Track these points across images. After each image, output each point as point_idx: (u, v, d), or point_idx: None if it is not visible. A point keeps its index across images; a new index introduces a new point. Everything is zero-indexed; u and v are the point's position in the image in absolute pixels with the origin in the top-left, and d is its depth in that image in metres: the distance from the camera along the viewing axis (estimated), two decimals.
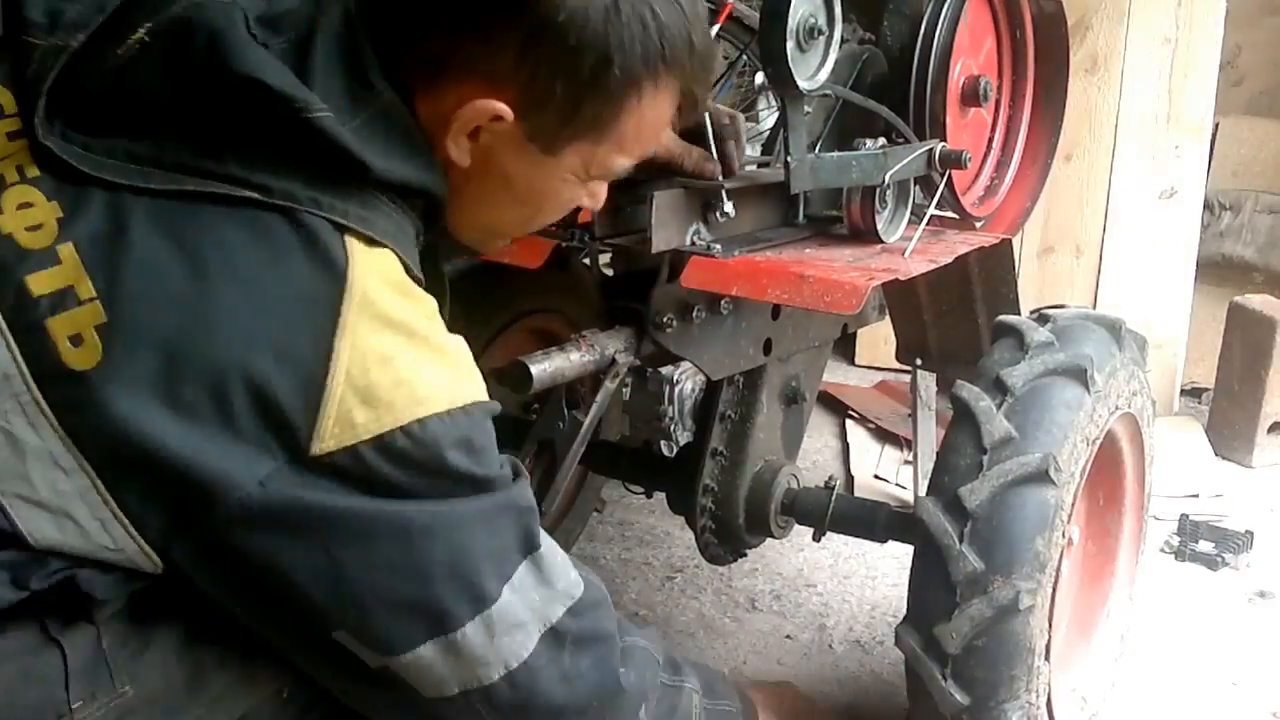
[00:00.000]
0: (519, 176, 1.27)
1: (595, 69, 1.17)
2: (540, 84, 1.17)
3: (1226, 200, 4.40)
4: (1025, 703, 1.80)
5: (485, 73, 1.17)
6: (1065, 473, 1.80)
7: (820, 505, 2.15)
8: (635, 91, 1.21)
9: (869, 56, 2.10)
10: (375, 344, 1.09)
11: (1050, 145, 2.41)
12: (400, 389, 1.09)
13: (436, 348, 1.15)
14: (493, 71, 1.17)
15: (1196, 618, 2.74)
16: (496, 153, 1.23)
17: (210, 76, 1.10)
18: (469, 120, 1.20)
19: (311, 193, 1.10)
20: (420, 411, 1.10)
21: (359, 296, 1.09)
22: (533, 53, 1.15)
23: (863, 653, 2.53)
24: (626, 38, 1.17)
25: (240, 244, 1.08)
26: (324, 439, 1.07)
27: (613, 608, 1.39)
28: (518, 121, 1.20)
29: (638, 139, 1.28)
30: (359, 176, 1.14)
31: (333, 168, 1.12)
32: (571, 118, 1.21)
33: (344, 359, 1.07)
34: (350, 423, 1.07)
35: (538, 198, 1.32)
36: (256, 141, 1.10)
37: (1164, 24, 3.99)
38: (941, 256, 1.94)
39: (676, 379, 2.24)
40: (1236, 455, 3.70)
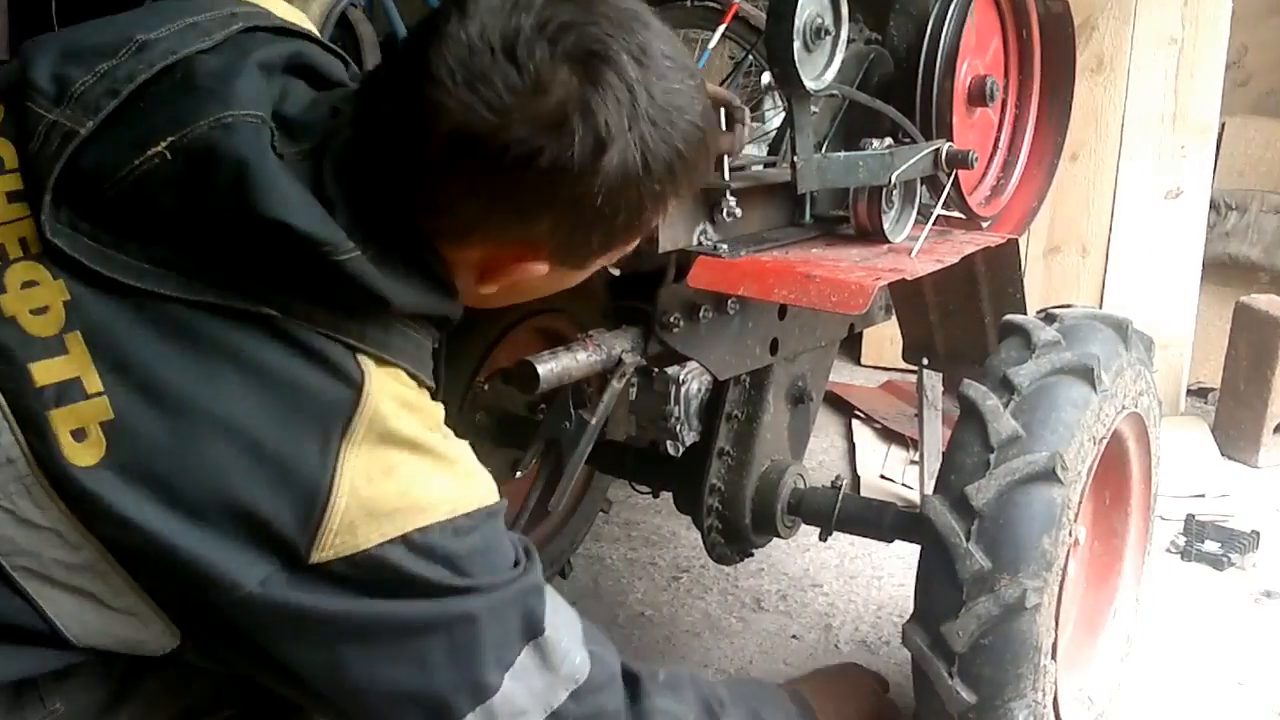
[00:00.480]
0: (545, 287, 1.30)
1: (630, 218, 1.19)
2: (576, 241, 1.19)
3: (1232, 200, 4.40)
4: (1032, 701, 1.80)
5: (517, 239, 1.18)
6: (1072, 472, 1.80)
7: (827, 505, 2.15)
8: (663, 209, 1.22)
9: (875, 56, 2.10)
10: (380, 458, 1.10)
11: (1056, 145, 2.41)
12: (403, 499, 1.11)
13: (441, 457, 1.16)
14: (526, 239, 1.18)
15: (1202, 618, 2.74)
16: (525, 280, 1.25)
17: (235, 214, 1.07)
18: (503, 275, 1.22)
19: (332, 318, 1.11)
20: (422, 520, 1.12)
21: (371, 412, 1.10)
22: (568, 222, 1.16)
23: (869, 652, 2.53)
24: (659, 188, 1.17)
25: (254, 355, 1.08)
26: (323, 549, 1.08)
27: (620, 684, 1.37)
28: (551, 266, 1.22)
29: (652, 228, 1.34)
30: (381, 308, 1.14)
31: (354, 301, 1.12)
32: (604, 249, 1.25)
33: (348, 473, 1.08)
34: (352, 532, 1.08)
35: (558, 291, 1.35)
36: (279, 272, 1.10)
37: (1170, 24, 3.99)
38: (948, 256, 1.94)
39: (683, 379, 2.23)
40: (1242, 455, 3.70)
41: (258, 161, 1.08)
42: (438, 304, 1.21)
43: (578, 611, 1.35)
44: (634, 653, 2.49)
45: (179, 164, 1.08)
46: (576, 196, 1.12)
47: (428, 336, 1.22)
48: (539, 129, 1.07)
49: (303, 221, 1.07)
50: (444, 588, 1.14)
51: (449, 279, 1.21)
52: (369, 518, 1.08)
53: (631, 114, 1.11)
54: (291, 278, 1.09)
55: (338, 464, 1.07)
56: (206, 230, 1.08)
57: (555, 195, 1.12)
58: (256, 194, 1.06)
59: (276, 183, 1.07)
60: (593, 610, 2.66)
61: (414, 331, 1.20)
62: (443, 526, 1.13)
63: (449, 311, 1.24)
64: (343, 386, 1.10)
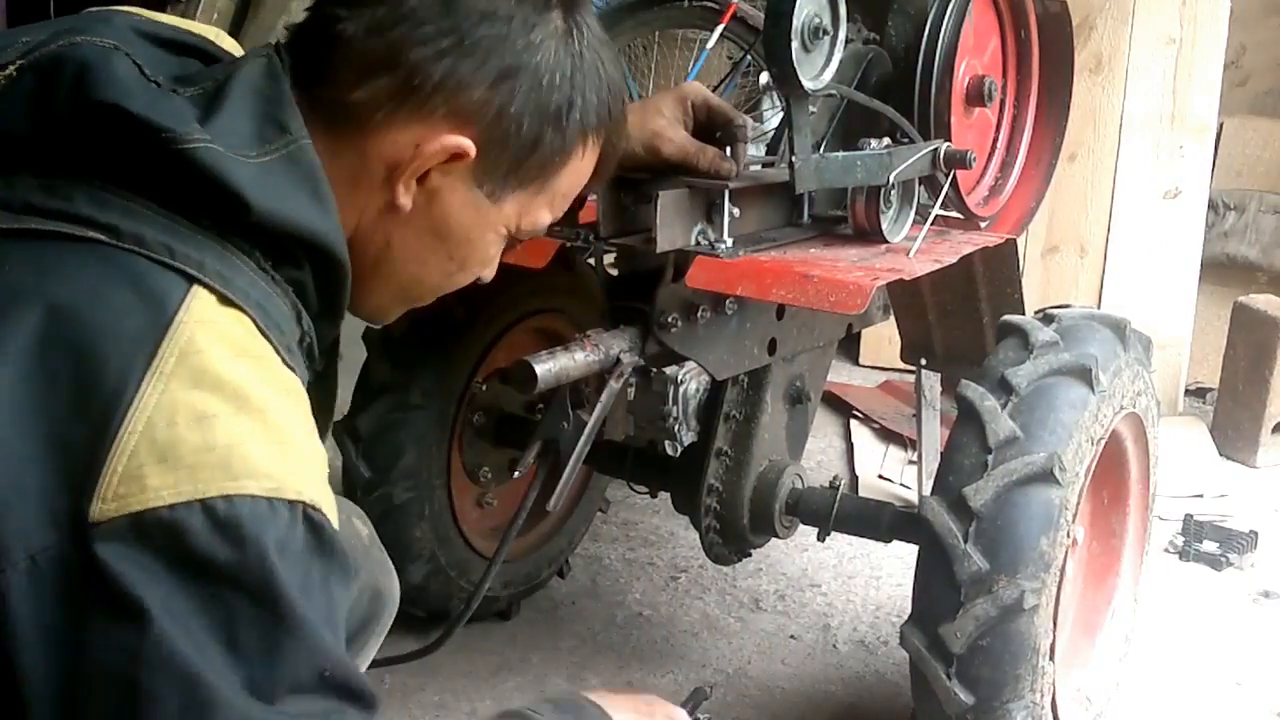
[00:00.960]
0: (457, 223, 1.20)
1: (559, 111, 1.15)
2: (507, 120, 1.13)
3: (1231, 200, 4.40)
4: (1030, 702, 1.80)
5: (452, 106, 1.11)
6: (1070, 472, 1.80)
7: (825, 505, 2.15)
8: (582, 141, 1.19)
9: (874, 56, 2.10)
10: (192, 402, 0.92)
11: (1055, 145, 2.41)
12: (209, 454, 0.91)
13: (273, 426, 0.95)
14: (460, 105, 1.11)
15: (1201, 618, 2.74)
16: (441, 196, 1.17)
17: (73, 107, 1.01)
18: (430, 157, 1.12)
19: (164, 239, 0.98)
20: (229, 487, 0.90)
21: (183, 344, 0.94)
22: (505, 87, 1.12)
23: (867, 653, 2.53)
24: (588, 87, 1.16)
25: (66, 278, 0.95)
26: (105, 499, 0.89)
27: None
28: (474, 160, 1.15)
29: (566, 194, 1.25)
30: (229, 221, 1.02)
31: (200, 207, 1.01)
32: (524, 161, 1.17)
33: (147, 405, 0.91)
34: (140, 483, 0.89)
35: (466, 249, 1.24)
36: (116, 177, 1.00)
37: (1168, 24, 3.99)
38: (946, 256, 1.94)
39: (681, 379, 2.24)
40: (1241, 455, 3.70)
41: (100, 62, 1.03)
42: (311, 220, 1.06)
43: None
44: (632, 653, 2.49)
45: (26, 82, 1.05)
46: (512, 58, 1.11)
47: (287, 300, 1.07)
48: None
49: (141, 106, 1.00)
50: (233, 596, 0.91)
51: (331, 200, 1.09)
52: (161, 465, 0.89)
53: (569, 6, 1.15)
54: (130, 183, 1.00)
55: (136, 395, 0.91)
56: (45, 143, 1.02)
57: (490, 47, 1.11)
58: (94, 82, 1.01)
59: (115, 73, 1.02)
60: (591, 610, 2.66)
61: (269, 284, 1.04)
62: (254, 503, 0.91)
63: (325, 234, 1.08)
64: (154, 311, 0.95)
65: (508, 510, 2.38)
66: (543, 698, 1.28)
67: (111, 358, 0.92)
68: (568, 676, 2.40)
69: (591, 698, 1.29)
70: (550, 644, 2.52)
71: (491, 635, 2.51)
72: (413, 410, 2.26)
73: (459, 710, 2.29)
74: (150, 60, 1.08)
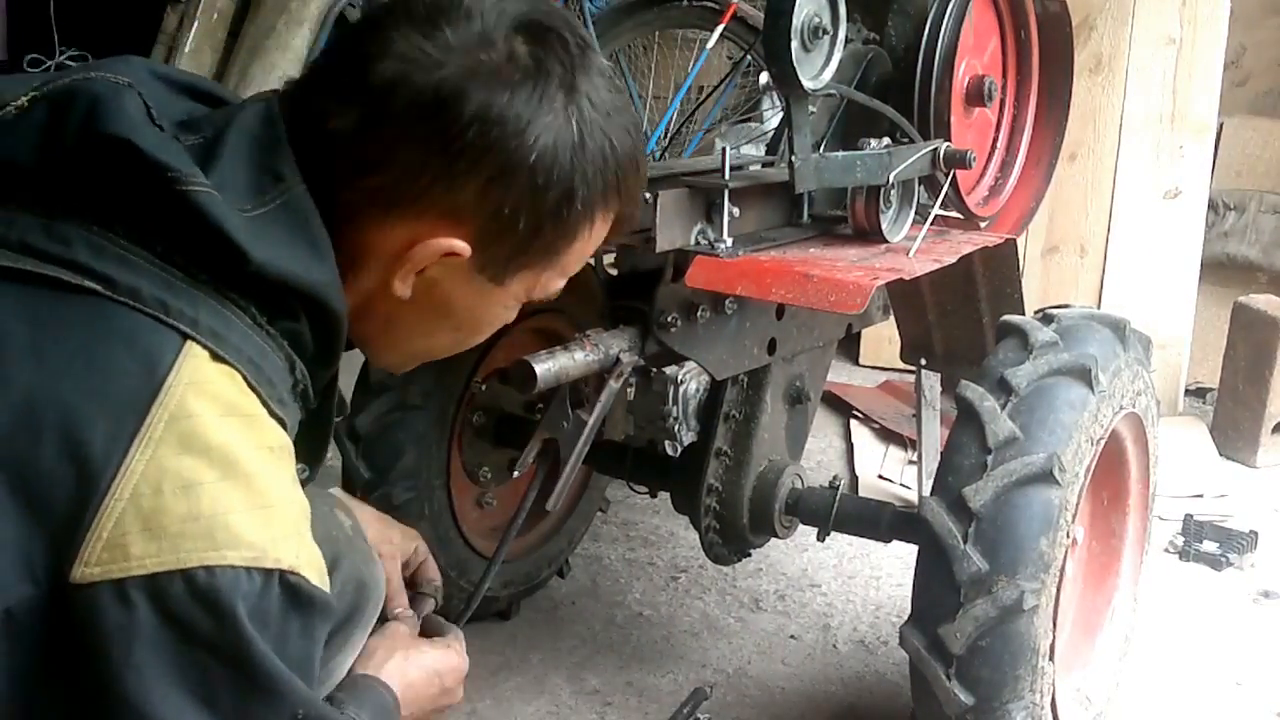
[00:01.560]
0: (461, 306, 1.21)
1: (559, 203, 1.12)
2: (502, 218, 1.11)
3: (1231, 200, 4.40)
4: (1029, 703, 1.80)
5: (443, 207, 1.09)
6: (1069, 473, 1.80)
7: (825, 505, 2.15)
8: (589, 220, 1.17)
9: (873, 56, 2.10)
10: (179, 469, 0.93)
11: (1055, 145, 2.41)
12: (193, 524, 0.92)
13: (258, 491, 0.97)
14: (452, 206, 1.10)
15: (1201, 618, 2.74)
16: (441, 285, 1.16)
17: (81, 139, 1.01)
18: (423, 259, 1.12)
19: (160, 294, 0.98)
20: (211, 558, 0.92)
21: (173, 408, 0.94)
22: (498, 189, 1.09)
23: (867, 653, 2.53)
24: (590, 172, 1.12)
25: (58, 326, 0.95)
26: (88, 563, 0.90)
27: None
28: (472, 255, 1.13)
29: (578, 261, 1.24)
30: (227, 273, 1.01)
31: (199, 257, 1.00)
32: (526, 249, 1.16)
33: (136, 472, 0.92)
34: (123, 551, 0.90)
35: (474, 324, 1.25)
36: (117, 220, 1.00)
37: (1168, 24, 3.99)
38: (946, 256, 1.94)
39: (681, 379, 2.23)
40: (1241, 455, 3.70)
41: (112, 97, 1.03)
42: (309, 273, 1.05)
43: None
44: (632, 653, 2.49)
45: (37, 114, 1.04)
46: (507, 154, 1.07)
47: (281, 353, 1.06)
48: (476, 74, 1.06)
49: (149, 143, 1.00)
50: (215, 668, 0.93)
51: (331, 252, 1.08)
52: (146, 534, 0.91)
53: (572, 86, 1.10)
54: (129, 229, 1.00)
55: (124, 461, 0.92)
56: (50, 179, 1.01)
57: (484, 148, 1.07)
58: (104, 116, 1.01)
59: (126, 109, 1.02)
60: (591, 610, 2.66)
61: (263, 339, 1.04)
62: (234, 574, 0.93)
63: (322, 289, 1.07)
64: (146, 373, 0.95)
65: (508, 510, 2.38)
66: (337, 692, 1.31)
67: (100, 421, 0.93)
68: (568, 676, 2.40)
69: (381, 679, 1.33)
70: (550, 644, 2.51)
71: (491, 635, 2.51)
72: (412, 410, 2.25)
73: (459, 710, 2.28)
74: (161, 101, 1.08)
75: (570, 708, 2.31)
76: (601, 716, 2.29)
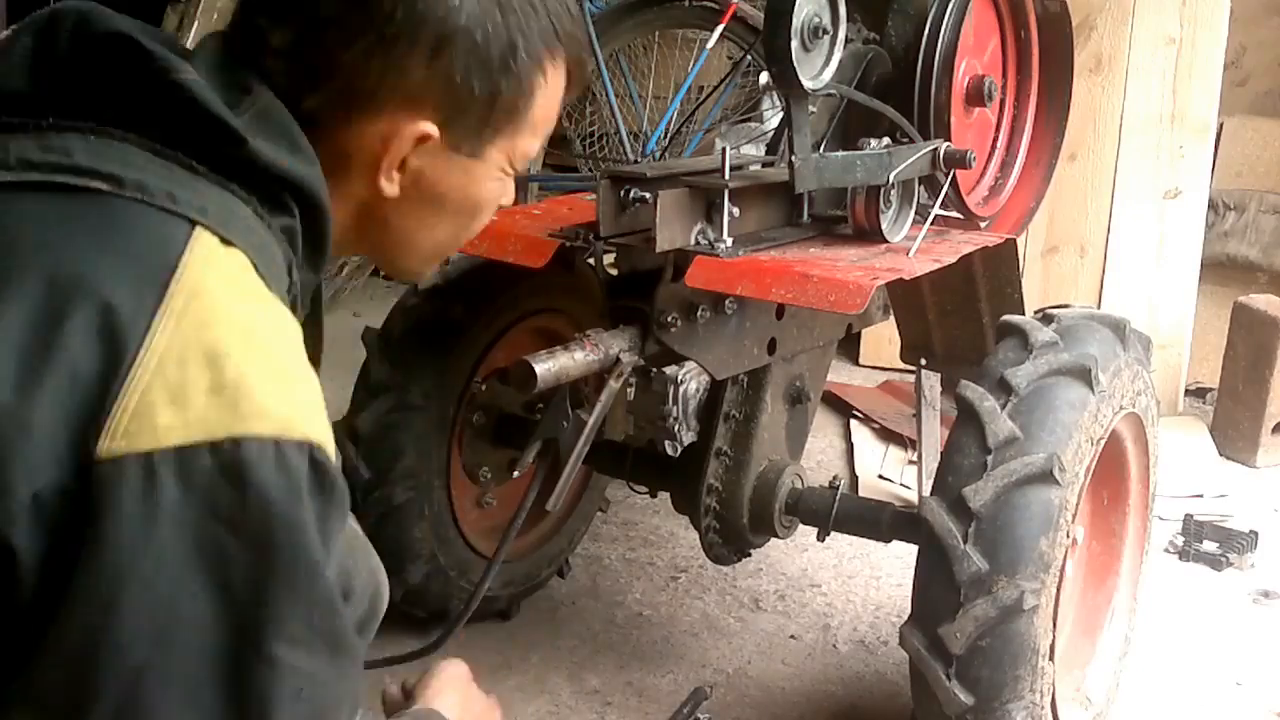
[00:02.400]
0: (451, 190, 1.23)
1: (504, 57, 1.16)
2: (456, 89, 1.15)
3: (1231, 200, 4.40)
4: (1029, 703, 1.80)
5: (400, 95, 1.13)
6: (1069, 473, 1.80)
7: (825, 505, 2.15)
8: (540, 72, 1.20)
9: (873, 56, 2.10)
10: (203, 341, 0.93)
11: (1055, 145, 2.41)
12: (220, 395, 0.92)
13: (280, 366, 0.98)
14: (407, 91, 1.13)
15: (1201, 618, 2.74)
16: (425, 174, 1.20)
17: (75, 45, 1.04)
18: (399, 150, 1.15)
19: (166, 185, 1.00)
20: (238, 429, 0.92)
21: (192, 284, 0.95)
22: (442, 60, 1.13)
23: (867, 653, 2.53)
24: (523, 21, 1.16)
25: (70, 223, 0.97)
26: (115, 435, 0.90)
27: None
28: (442, 134, 1.17)
29: (546, 119, 1.26)
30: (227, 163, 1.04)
31: (198, 149, 1.03)
32: (490, 114, 1.19)
33: (160, 344, 0.92)
34: (150, 422, 0.90)
35: (471, 206, 1.27)
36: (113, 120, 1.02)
37: (1168, 24, 3.99)
38: (946, 256, 1.94)
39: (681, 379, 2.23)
40: (1241, 455, 3.70)
41: (98, 9, 1.06)
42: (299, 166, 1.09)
43: None
44: (632, 653, 2.49)
45: (24, 40, 1.07)
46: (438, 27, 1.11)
47: (280, 250, 1.08)
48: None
49: (142, 37, 1.04)
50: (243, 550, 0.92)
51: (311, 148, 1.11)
52: (173, 406, 0.90)
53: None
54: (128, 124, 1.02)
55: (148, 334, 0.92)
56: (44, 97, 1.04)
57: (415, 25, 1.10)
58: (96, 21, 1.05)
59: (115, 15, 1.06)
60: (591, 610, 2.66)
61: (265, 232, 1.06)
62: (264, 447, 0.92)
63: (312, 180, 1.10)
64: (161, 253, 0.96)
65: (508, 510, 2.38)
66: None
67: (123, 296, 0.93)
68: (568, 676, 2.40)
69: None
70: (550, 644, 2.51)
71: (491, 635, 2.51)
72: (412, 410, 2.25)
73: None
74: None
75: (570, 708, 2.31)
76: (601, 716, 2.29)
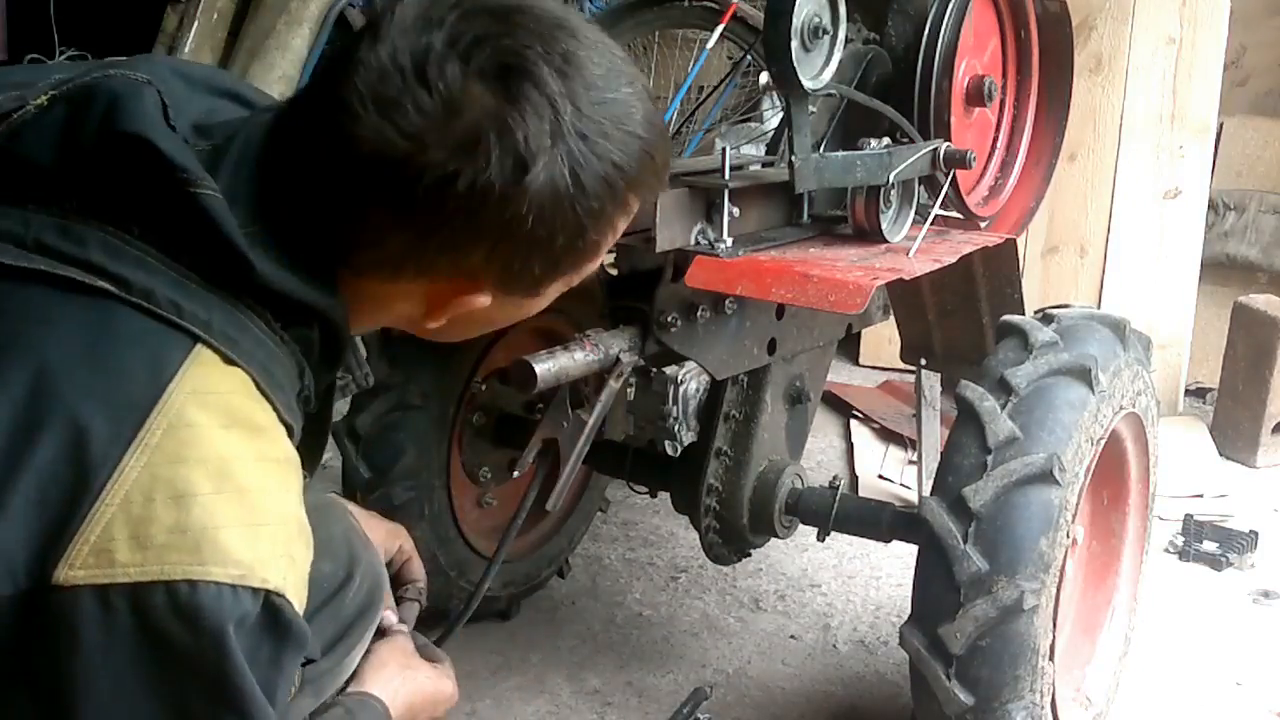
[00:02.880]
0: (499, 319, 1.21)
1: (571, 239, 1.08)
2: (515, 269, 1.09)
3: (1231, 200, 4.40)
4: (1029, 703, 1.80)
5: (453, 271, 1.08)
6: (1069, 473, 1.80)
7: (825, 505, 2.15)
8: (611, 231, 1.14)
9: (874, 56, 2.10)
10: (171, 476, 0.92)
11: (1055, 145, 2.41)
12: (181, 537, 0.91)
13: (252, 506, 0.96)
14: (462, 270, 1.08)
15: (1200, 618, 2.74)
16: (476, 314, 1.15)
17: (100, 138, 1.01)
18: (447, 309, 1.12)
19: (174, 296, 0.98)
20: (195, 572, 0.91)
21: (172, 416, 0.94)
22: (503, 249, 1.06)
23: (867, 653, 2.53)
24: (595, 205, 1.07)
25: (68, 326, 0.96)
26: (74, 565, 0.89)
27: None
28: (496, 296, 1.12)
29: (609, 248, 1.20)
30: (236, 282, 1.01)
31: (209, 265, 1.00)
32: (551, 273, 1.12)
33: (129, 478, 0.91)
34: (109, 557, 0.90)
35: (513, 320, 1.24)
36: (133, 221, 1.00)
37: (1168, 24, 3.99)
38: (946, 256, 1.94)
39: (681, 379, 2.24)
40: (1241, 455, 3.70)
41: (131, 96, 1.03)
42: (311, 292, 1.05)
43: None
44: (632, 653, 2.49)
45: (57, 112, 1.04)
46: (504, 222, 1.03)
47: (292, 359, 1.06)
48: (453, 152, 1.00)
49: (166, 144, 1.00)
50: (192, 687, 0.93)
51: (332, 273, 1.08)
52: (133, 542, 0.90)
53: (555, 129, 1.02)
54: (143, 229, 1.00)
55: (119, 466, 0.91)
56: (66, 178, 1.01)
57: (481, 222, 1.03)
58: (122, 114, 1.01)
59: (145, 107, 1.02)
60: (591, 610, 2.66)
61: (276, 345, 1.04)
62: (218, 590, 0.91)
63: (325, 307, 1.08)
64: (151, 377, 0.95)
65: (508, 510, 2.38)
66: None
67: (100, 422, 0.92)
68: (568, 676, 2.40)
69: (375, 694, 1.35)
70: (550, 644, 2.51)
71: (491, 635, 2.51)
72: (412, 410, 2.25)
73: (459, 710, 2.28)
74: (180, 99, 1.07)
75: (570, 708, 2.31)
76: (601, 716, 2.29)
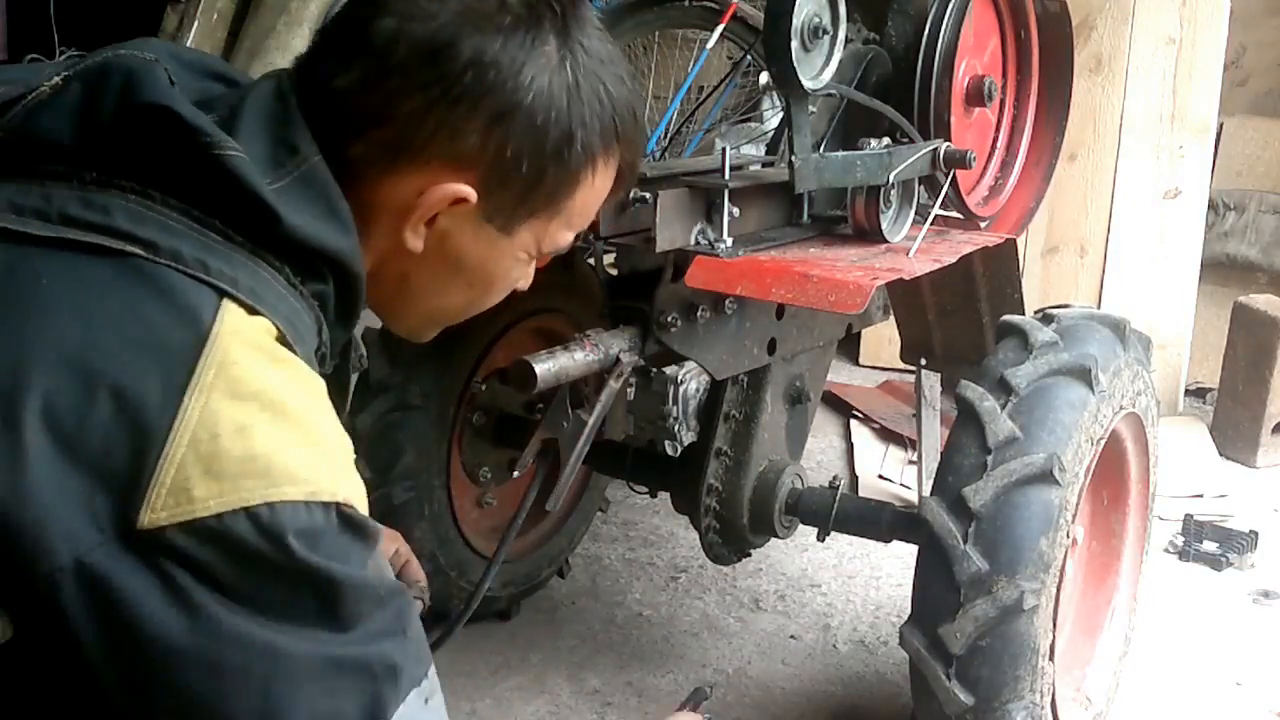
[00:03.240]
0: (472, 258, 1.23)
1: (559, 145, 1.16)
2: (506, 162, 1.15)
3: (1230, 200, 4.40)
4: (1030, 703, 1.80)
5: (448, 154, 1.14)
6: (1069, 473, 1.80)
7: (825, 505, 2.15)
8: (591, 166, 1.20)
9: (873, 56, 2.10)
10: (232, 413, 0.97)
11: (1055, 145, 2.41)
12: (251, 464, 0.96)
13: (307, 429, 1.01)
14: (456, 152, 1.14)
15: (1200, 618, 2.74)
16: (452, 236, 1.20)
17: (119, 110, 1.05)
18: (432, 206, 1.15)
19: (200, 255, 1.02)
20: (271, 494, 0.96)
21: (220, 357, 0.98)
22: (499, 131, 1.13)
23: (867, 653, 2.53)
24: (588, 114, 1.16)
25: (104, 291, 0.99)
26: (155, 509, 0.94)
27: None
28: (479, 202, 1.16)
29: (584, 213, 1.26)
30: (262, 235, 1.05)
31: (235, 221, 1.05)
32: (531, 194, 1.18)
33: (192, 419, 0.95)
34: (187, 494, 0.94)
35: (487, 279, 1.27)
36: (154, 184, 1.03)
37: (1168, 24, 3.99)
38: (946, 256, 1.94)
39: (681, 379, 2.23)
40: (1241, 455, 3.70)
41: (146, 70, 1.07)
42: (334, 238, 1.11)
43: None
44: (632, 653, 2.49)
45: (73, 90, 1.08)
46: (503, 100, 1.12)
47: (311, 314, 1.11)
48: (469, 21, 1.10)
49: (187, 111, 1.04)
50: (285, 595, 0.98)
51: (350, 217, 1.12)
52: (208, 477, 0.94)
53: (564, 34, 1.14)
54: (166, 191, 1.03)
55: (179, 410, 0.95)
56: (86, 152, 1.04)
57: (481, 93, 1.11)
58: (141, 86, 1.05)
59: (160, 81, 1.07)
60: (591, 610, 2.66)
61: (296, 299, 1.09)
62: (294, 508, 0.97)
63: (346, 252, 1.12)
64: (190, 326, 0.99)
65: (508, 510, 2.38)
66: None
67: (151, 376, 0.96)
68: (568, 676, 2.40)
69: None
70: (550, 644, 2.52)
71: (491, 635, 2.51)
72: (412, 410, 2.25)
73: (459, 710, 2.28)
74: (180, 79, 1.11)
75: (570, 708, 2.31)
76: (601, 716, 2.29)
